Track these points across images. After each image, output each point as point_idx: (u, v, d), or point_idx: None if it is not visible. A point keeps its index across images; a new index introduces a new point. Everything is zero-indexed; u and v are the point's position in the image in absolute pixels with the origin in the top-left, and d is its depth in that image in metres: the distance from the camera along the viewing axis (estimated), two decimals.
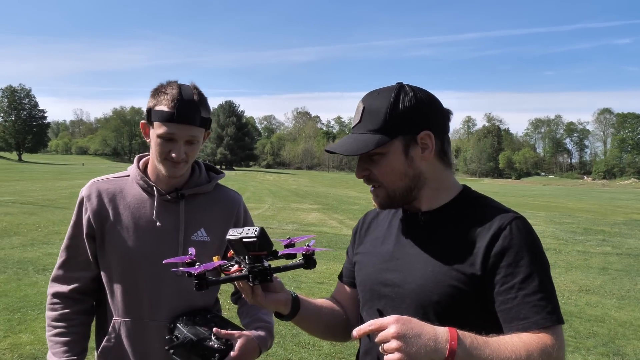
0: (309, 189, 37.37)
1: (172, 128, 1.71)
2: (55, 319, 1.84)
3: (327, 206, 22.02)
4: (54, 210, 15.41)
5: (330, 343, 5.19)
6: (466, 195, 1.46)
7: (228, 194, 1.99)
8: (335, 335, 1.66)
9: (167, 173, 1.78)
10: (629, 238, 14.66)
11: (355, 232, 1.68)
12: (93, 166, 74.22)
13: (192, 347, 1.65)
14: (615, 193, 54.87)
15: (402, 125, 1.37)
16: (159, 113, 1.72)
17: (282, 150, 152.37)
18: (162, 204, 1.83)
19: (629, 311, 7.05)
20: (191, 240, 1.82)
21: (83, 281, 1.86)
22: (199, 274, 1.23)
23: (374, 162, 1.39)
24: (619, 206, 29.84)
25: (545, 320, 1.22)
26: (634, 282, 8.96)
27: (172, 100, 1.70)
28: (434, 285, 1.32)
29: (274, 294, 1.41)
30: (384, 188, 1.41)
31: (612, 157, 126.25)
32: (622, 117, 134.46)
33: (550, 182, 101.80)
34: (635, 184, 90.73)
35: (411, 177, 1.40)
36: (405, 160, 1.39)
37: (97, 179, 1.88)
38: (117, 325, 1.81)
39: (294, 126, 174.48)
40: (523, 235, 1.31)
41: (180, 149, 1.73)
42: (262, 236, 1.24)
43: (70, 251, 1.86)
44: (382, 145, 1.35)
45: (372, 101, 1.40)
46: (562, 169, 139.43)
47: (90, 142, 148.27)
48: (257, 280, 1.29)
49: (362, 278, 1.53)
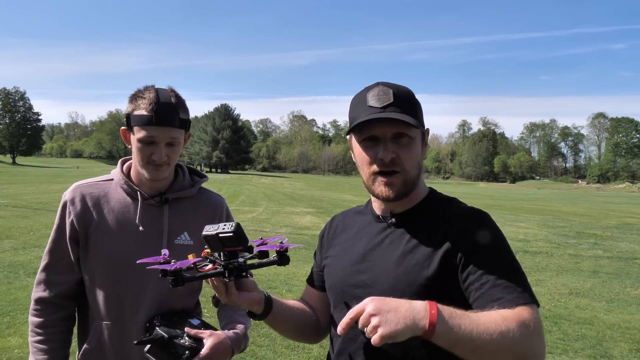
0: (304, 192, 37.36)
1: (151, 131, 1.73)
2: (38, 325, 1.85)
3: (322, 209, 22.02)
4: (47, 214, 15.36)
5: (319, 345, 5.21)
6: (433, 197, 1.51)
7: (211, 198, 2.01)
8: (305, 336, 1.68)
9: (150, 176, 1.80)
10: (620, 242, 14.72)
11: (323, 236, 1.70)
12: (88, 169, 73.91)
13: (163, 345, 1.67)
14: (609, 197, 55.07)
15: (421, 116, 1.45)
16: (138, 117, 1.74)
17: (277, 154, 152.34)
18: (145, 208, 1.84)
19: (617, 314, 7.09)
20: (175, 244, 1.84)
21: (67, 285, 1.87)
22: (174, 271, 1.26)
23: (402, 145, 1.39)
24: (612, 210, 29.97)
25: (519, 298, 1.24)
26: (623, 285, 9.01)
27: (150, 103, 1.72)
28: (406, 285, 1.35)
29: (248, 292, 1.42)
30: (403, 174, 1.40)
31: (606, 161, 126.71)
32: (617, 122, 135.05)
33: (545, 185, 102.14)
34: (628, 188, 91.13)
35: (421, 168, 1.46)
36: (421, 151, 1.45)
37: (80, 183, 1.89)
38: (98, 328, 1.83)
39: (289, 129, 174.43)
40: (488, 230, 1.36)
41: (161, 152, 1.75)
42: (238, 231, 1.25)
43: (54, 254, 1.87)
44: (418, 128, 1.39)
45: (397, 87, 1.42)
46: (556, 172, 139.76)
47: (85, 145, 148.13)
48: (232, 276, 1.31)
49: (332, 281, 1.55)
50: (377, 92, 1.40)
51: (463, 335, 1.13)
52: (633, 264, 11.06)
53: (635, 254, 12.44)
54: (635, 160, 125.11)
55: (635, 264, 11.14)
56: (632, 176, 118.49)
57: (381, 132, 1.38)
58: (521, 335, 1.17)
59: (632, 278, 9.61)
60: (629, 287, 8.87)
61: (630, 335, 6.14)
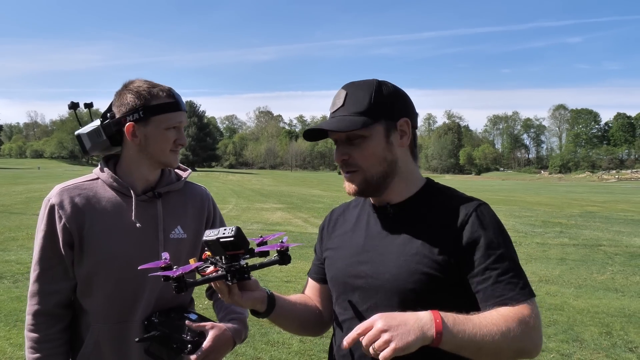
0: (272, 188, 37.26)
1: (180, 116, 1.81)
2: (37, 340, 1.77)
3: (292, 205, 22.02)
4: (9, 216, 14.96)
5: (299, 340, 5.21)
6: (430, 187, 1.53)
7: (197, 190, 2.01)
8: (309, 331, 1.69)
9: (172, 163, 1.85)
10: (584, 229, 15.14)
11: (322, 229, 1.71)
12: (50, 170, 72.22)
13: (163, 340, 1.66)
14: (571, 186, 56.55)
15: (385, 109, 1.43)
16: (162, 106, 1.77)
17: (244, 150, 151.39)
18: (139, 205, 1.82)
19: (586, 299, 7.30)
20: (170, 239, 1.83)
21: (63, 293, 1.80)
22: (177, 277, 1.26)
23: (355, 145, 1.42)
24: (575, 199, 30.79)
25: (520, 295, 1.30)
26: (590, 271, 9.27)
27: (164, 91, 1.78)
28: (407, 274, 1.37)
29: (251, 292, 1.43)
30: (361, 173, 1.44)
31: (567, 151, 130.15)
32: (576, 113, 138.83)
33: (509, 177, 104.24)
34: (589, 177, 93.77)
35: (389, 162, 1.45)
36: (386, 145, 1.44)
37: (64, 185, 1.82)
38: (95, 331, 1.78)
39: (256, 126, 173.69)
40: (489, 220, 1.39)
41: (184, 136, 1.84)
42: (239, 235, 1.26)
43: (45, 263, 1.78)
44: (367, 126, 1.39)
45: (354, 88, 1.45)
46: (520, 164, 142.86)
47: (46, 145, 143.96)
48: (235, 279, 1.32)
49: (333, 273, 1.56)
50: (335, 96, 1.47)
51: (467, 339, 1.19)
52: (598, 251, 11.40)
53: (600, 241, 12.82)
54: (594, 151, 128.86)
55: (600, 250, 11.49)
56: (592, 166, 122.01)
57: (335, 136, 1.45)
58: (521, 332, 1.23)
59: (598, 264, 9.90)
60: (595, 272, 9.14)
61: (599, 319, 6.33)
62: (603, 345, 5.43)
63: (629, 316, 6.47)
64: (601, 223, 16.77)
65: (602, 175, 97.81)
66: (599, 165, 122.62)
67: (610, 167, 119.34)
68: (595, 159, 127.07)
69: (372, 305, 1.42)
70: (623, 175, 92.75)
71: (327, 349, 4.99)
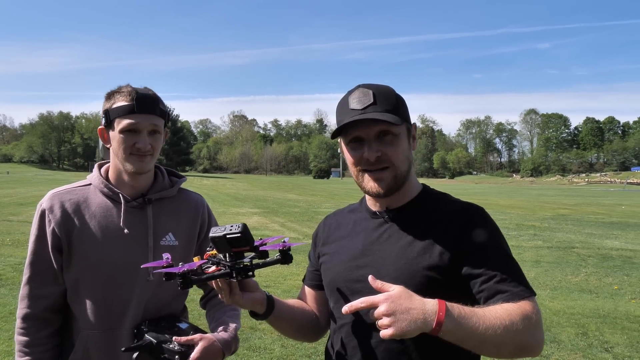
0: (248, 192, 37.08)
1: (134, 118, 1.72)
2: (26, 344, 1.77)
3: (268, 209, 21.95)
4: None
5: (281, 345, 5.19)
6: (427, 193, 1.55)
7: (192, 197, 1.98)
8: (306, 335, 1.69)
9: (134, 168, 1.76)
10: (557, 232, 15.42)
11: (316, 236, 1.71)
12: (19, 174, 70.72)
13: (152, 350, 1.64)
14: (542, 190, 57.61)
15: (404, 112, 1.47)
16: (119, 109, 1.72)
17: (218, 155, 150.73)
18: (128, 211, 1.80)
19: (561, 300, 7.42)
20: (160, 246, 1.80)
21: (53, 298, 1.79)
22: (182, 273, 1.26)
23: (386, 143, 1.43)
24: (547, 202, 31.36)
25: (524, 292, 1.32)
26: (564, 273, 9.43)
27: (129, 94, 1.73)
28: (408, 277, 1.38)
29: (251, 293, 1.43)
30: (392, 170, 1.44)
31: (539, 155, 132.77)
32: (547, 118, 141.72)
33: (482, 180, 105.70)
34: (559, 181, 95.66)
35: (410, 162, 1.49)
36: (408, 145, 1.48)
37: (56, 190, 1.83)
38: (85, 338, 1.77)
39: (230, 130, 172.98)
40: (486, 223, 1.43)
41: (145, 139, 1.74)
42: (245, 232, 1.26)
43: (36, 266, 1.79)
44: (400, 125, 1.42)
45: (377, 88, 1.46)
46: (492, 167, 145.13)
47: (15, 149, 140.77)
48: (240, 276, 1.32)
49: (331, 277, 1.56)
50: (357, 95, 1.45)
51: (469, 331, 1.20)
52: (571, 253, 11.61)
53: (572, 243, 13.06)
54: (565, 154, 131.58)
55: (573, 252, 11.70)
56: (563, 169, 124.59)
57: (365, 133, 1.43)
58: (524, 327, 1.25)
59: (572, 266, 10.08)
60: (570, 274, 9.31)
61: (575, 320, 6.44)
62: (580, 345, 5.52)
63: (603, 317, 6.60)
64: (573, 226, 17.10)
65: (572, 178, 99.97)
66: (569, 169, 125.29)
67: (580, 170, 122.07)
68: (566, 162, 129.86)
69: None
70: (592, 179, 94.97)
71: (309, 354, 5.03)
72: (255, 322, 3.58)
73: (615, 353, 5.31)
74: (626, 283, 8.65)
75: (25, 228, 13.03)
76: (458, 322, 1.18)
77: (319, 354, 5.01)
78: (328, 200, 29.09)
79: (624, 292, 7.99)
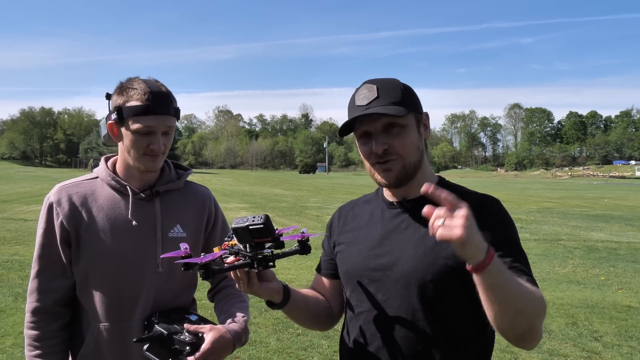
0: (234, 188, 36.97)
1: (150, 121, 1.70)
2: (36, 338, 1.76)
3: (255, 204, 21.92)
4: None
5: (277, 339, 5.21)
6: (444, 184, 1.58)
7: (199, 190, 1.99)
8: (321, 324, 1.71)
9: (146, 168, 1.77)
10: (543, 225, 15.61)
11: (331, 226, 1.73)
12: (1, 171, 69.62)
13: (163, 341, 1.65)
14: (527, 183, 58.17)
15: (413, 102, 1.50)
16: (134, 108, 1.70)
17: (204, 150, 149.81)
18: (136, 203, 1.80)
19: (550, 292, 7.53)
20: (168, 237, 1.81)
21: (62, 291, 1.79)
22: (204, 264, 1.27)
23: (393, 135, 1.46)
24: (531, 195, 31.68)
25: (533, 280, 1.34)
26: (552, 265, 9.56)
27: (144, 93, 1.70)
28: (427, 265, 1.40)
29: (268, 282, 1.45)
30: (400, 161, 1.46)
31: (523, 149, 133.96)
32: (531, 112, 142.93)
33: (467, 174, 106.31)
34: (543, 175, 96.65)
35: (421, 152, 1.51)
36: (418, 135, 1.50)
37: (63, 184, 1.83)
38: (95, 331, 1.77)
39: (215, 125, 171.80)
40: (501, 214, 1.46)
41: (159, 141, 1.74)
42: (268, 223, 1.28)
43: (44, 260, 1.78)
44: (406, 115, 1.44)
45: (381, 82, 1.49)
46: (477, 161, 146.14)
47: None
48: (261, 266, 1.33)
49: (348, 266, 1.58)
50: (362, 91, 1.49)
51: (504, 281, 1.17)
52: (558, 245, 11.77)
53: (559, 236, 13.24)
54: (548, 148, 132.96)
55: (560, 244, 11.86)
56: (546, 163, 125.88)
57: (372, 127, 1.47)
58: (540, 308, 1.27)
59: (559, 258, 10.23)
60: (557, 266, 9.44)
61: (564, 310, 6.55)
62: (570, 335, 5.62)
63: (591, 307, 6.72)
64: (559, 218, 17.33)
65: (556, 172, 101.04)
66: (552, 163, 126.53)
67: (564, 164, 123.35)
68: (549, 156, 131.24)
69: (389, 297, 1.45)
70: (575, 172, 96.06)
71: (305, 347, 5.06)
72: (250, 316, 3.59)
73: (605, 342, 5.42)
74: (612, 274, 8.80)
75: (9, 225, 12.90)
76: (500, 268, 1.17)
77: (314, 346, 5.05)
78: (315, 195, 29.10)
79: (611, 283, 8.14)
